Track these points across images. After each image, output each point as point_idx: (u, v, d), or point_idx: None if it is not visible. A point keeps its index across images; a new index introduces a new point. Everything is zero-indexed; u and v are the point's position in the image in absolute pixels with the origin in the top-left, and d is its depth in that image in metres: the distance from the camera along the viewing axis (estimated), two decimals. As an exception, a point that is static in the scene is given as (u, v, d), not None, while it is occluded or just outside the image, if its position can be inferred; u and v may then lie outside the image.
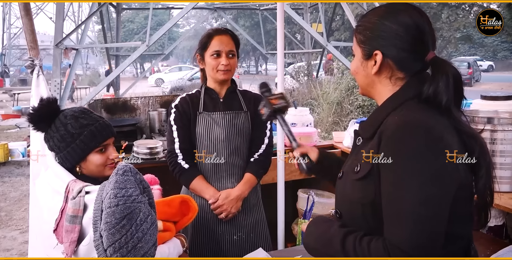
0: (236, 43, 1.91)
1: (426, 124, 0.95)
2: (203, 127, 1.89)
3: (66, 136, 1.40)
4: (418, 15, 1.05)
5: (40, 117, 1.41)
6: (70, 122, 1.41)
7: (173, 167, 1.89)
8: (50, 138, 1.42)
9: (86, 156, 1.42)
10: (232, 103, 1.93)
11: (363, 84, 1.14)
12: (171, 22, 7.93)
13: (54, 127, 1.41)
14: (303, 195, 2.65)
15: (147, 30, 7.75)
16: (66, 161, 1.41)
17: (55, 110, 1.45)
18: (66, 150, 1.40)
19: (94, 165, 1.44)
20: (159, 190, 1.79)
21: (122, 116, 3.04)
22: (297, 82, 12.57)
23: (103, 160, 1.45)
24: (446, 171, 0.92)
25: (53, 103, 1.44)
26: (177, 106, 1.93)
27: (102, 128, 1.45)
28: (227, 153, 1.89)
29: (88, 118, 1.45)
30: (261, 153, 1.97)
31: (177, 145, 1.89)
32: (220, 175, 1.91)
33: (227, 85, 1.96)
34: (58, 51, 7.80)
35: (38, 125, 1.42)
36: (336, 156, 1.48)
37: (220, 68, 1.85)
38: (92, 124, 1.43)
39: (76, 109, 1.47)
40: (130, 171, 1.09)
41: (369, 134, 1.05)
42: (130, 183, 1.07)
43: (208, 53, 1.86)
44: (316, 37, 9.04)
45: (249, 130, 1.94)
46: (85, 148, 1.41)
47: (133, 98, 3.10)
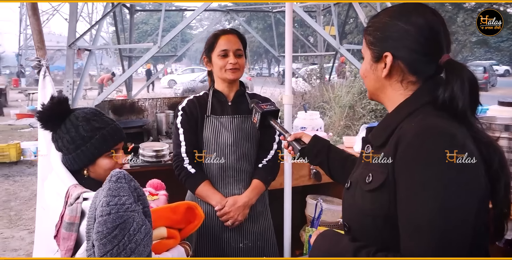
0: (243, 43, 1.86)
1: (448, 131, 0.89)
2: (211, 131, 1.83)
3: (76, 138, 1.36)
4: (432, 15, 0.99)
5: (49, 116, 1.38)
6: (81, 124, 1.38)
7: (179, 171, 1.84)
8: (59, 138, 1.39)
9: (96, 160, 1.40)
10: (240, 107, 1.87)
11: (372, 88, 1.08)
12: (183, 23, 7.93)
13: (65, 128, 1.38)
14: (311, 201, 2.58)
15: (159, 32, 7.76)
16: (74, 163, 1.38)
17: (65, 110, 1.41)
18: (75, 152, 1.37)
19: (103, 169, 1.41)
20: (165, 196, 1.74)
21: (129, 118, 3.01)
22: (309, 85, 12.49)
23: (112, 164, 1.42)
24: (470, 180, 0.86)
25: (63, 103, 1.41)
26: (184, 109, 1.88)
27: (114, 132, 1.43)
28: (234, 158, 1.83)
29: (100, 121, 1.42)
30: (269, 158, 1.91)
31: (183, 148, 1.84)
32: (227, 181, 1.85)
33: (236, 88, 1.90)
34: (71, 51, 7.87)
35: (47, 124, 1.38)
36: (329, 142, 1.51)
37: (228, 67, 1.79)
38: (104, 128, 1.40)
39: (88, 111, 1.43)
40: (124, 178, 1.04)
41: (381, 142, 0.98)
42: (124, 190, 1.01)
43: (215, 53, 1.81)
44: (328, 40, 8.97)
45: (257, 134, 1.88)
46: (95, 151, 1.38)
47: (140, 99, 3.06)
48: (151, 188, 1.74)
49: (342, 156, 1.43)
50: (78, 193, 1.18)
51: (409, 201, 0.87)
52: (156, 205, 1.65)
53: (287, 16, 1.94)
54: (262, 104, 1.61)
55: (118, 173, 1.04)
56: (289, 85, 1.97)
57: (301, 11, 8.48)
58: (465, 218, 0.85)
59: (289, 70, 1.97)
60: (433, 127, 0.89)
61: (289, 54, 1.91)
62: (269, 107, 1.61)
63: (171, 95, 16.56)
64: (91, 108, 1.47)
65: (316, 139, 1.47)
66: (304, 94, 10.77)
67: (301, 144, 1.48)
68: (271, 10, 13.18)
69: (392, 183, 0.91)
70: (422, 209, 0.85)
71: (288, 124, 1.99)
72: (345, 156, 1.43)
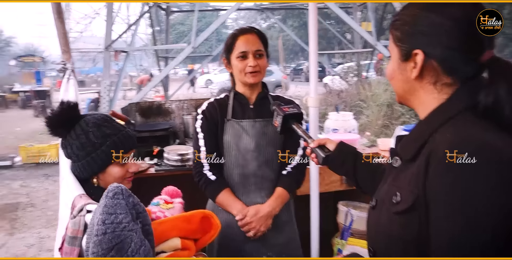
0: (264, 41, 1.75)
1: (493, 145, 0.74)
2: (231, 136, 1.74)
3: (86, 144, 1.31)
4: (471, 6, 0.84)
5: (59, 122, 1.32)
6: (92, 130, 1.32)
7: (199, 178, 1.75)
8: (68, 144, 1.34)
9: (106, 167, 1.33)
10: (263, 110, 1.76)
11: (401, 90, 0.94)
12: (216, 23, 7.90)
13: (74, 134, 1.33)
14: (343, 208, 2.43)
15: (193, 32, 7.77)
16: (84, 170, 1.33)
17: (75, 115, 1.36)
18: (85, 159, 1.32)
19: (113, 177, 1.35)
20: (181, 204, 1.66)
21: (156, 120, 2.97)
22: (346, 83, 12.19)
23: (122, 172, 1.36)
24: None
25: (74, 108, 1.36)
26: (204, 112, 1.80)
27: (125, 139, 1.36)
28: (256, 164, 1.73)
29: (111, 127, 1.36)
30: (294, 165, 1.79)
31: (203, 154, 1.75)
32: (248, 189, 1.75)
33: (257, 90, 1.79)
34: (107, 54, 8.02)
35: (56, 130, 1.33)
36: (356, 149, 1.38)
37: (248, 70, 1.69)
38: (115, 135, 1.34)
39: (99, 117, 1.38)
40: (122, 193, 0.96)
41: (411, 155, 0.85)
42: (121, 207, 0.93)
43: (234, 55, 1.71)
44: (365, 36, 8.70)
45: (281, 139, 1.77)
46: (106, 158, 1.32)
47: (167, 101, 3.01)
48: (166, 196, 1.66)
49: (371, 166, 1.30)
50: (82, 205, 1.12)
51: (445, 226, 0.74)
52: (170, 214, 1.57)
53: (311, 15, 1.81)
54: (284, 107, 1.50)
55: (115, 188, 0.96)
56: (315, 86, 1.84)
57: (337, 8, 8.24)
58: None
59: (314, 71, 1.84)
60: (472, 139, 0.75)
61: (314, 53, 1.78)
62: (291, 110, 1.50)
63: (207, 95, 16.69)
64: (102, 114, 1.42)
65: (342, 145, 1.35)
66: (341, 92, 10.51)
67: (325, 151, 1.36)
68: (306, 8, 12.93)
69: (423, 204, 0.77)
70: (463, 237, 0.72)
71: (314, 130, 1.86)
72: (374, 166, 1.30)
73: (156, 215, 1.54)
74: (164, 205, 1.60)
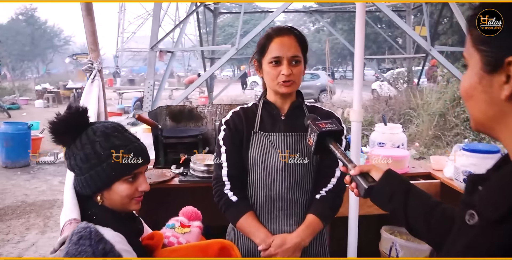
0: (303, 46, 1.48)
1: None
2: (258, 151, 1.50)
3: (91, 156, 1.13)
4: None
5: (64, 128, 1.15)
6: (99, 140, 1.14)
7: (219, 198, 1.53)
8: (72, 155, 1.17)
9: (112, 184, 1.15)
10: (295, 122, 1.50)
11: (481, 115, 0.67)
12: (261, 25, 7.71)
13: (79, 144, 1.15)
14: (387, 235, 2.13)
15: (238, 34, 7.64)
16: (87, 186, 1.15)
17: (83, 122, 1.19)
18: (88, 173, 1.14)
19: (119, 196, 1.16)
20: (199, 229, 1.45)
21: (187, 125, 2.79)
22: (395, 89, 11.63)
23: (130, 191, 1.17)
24: None
25: (82, 114, 1.19)
26: (228, 123, 1.57)
27: (137, 152, 1.17)
28: (285, 186, 1.48)
29: (121, 138, 1.18)
30: (330, 188, 1.52)
31: (224, 170, 1.52)
32: (275, 214, 1.51)
33: (291, 99, 1.54)
34: (152, 53, 8.05)
35: (60, 138, 1.16)
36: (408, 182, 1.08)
37: (281, 80, 1.44)
38: (125, 147, 1.16)
39: (109, 125, 1.20)
40: (89, 238, 0.76)
41: (499, 214, 0.58)
42: (86, 256, 0.72)
43: (266, 59, 1.47)
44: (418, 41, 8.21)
45: (316, 157, 1.51)
46: (112, 174, 1.14)
47: (199, 106, 2.82)
48: (183, 218, 1.46)
49: (427, 204, 1.03)
50: (64, 237, 0.92)
51: None
52: (186, 240, 1.37)
53: (358, 16, 1.55)
54: (321, 122, 1.26)
55: (82, 230, 0.76)
56: (359, 96, 1.57)
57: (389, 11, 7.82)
58: None
59: (359, 78, 1.58)
60: None
61: (360, 59, 1.52)
62: (329, 127, 1.25)
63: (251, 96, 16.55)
64: (113, 123, 1.23)
65: (391, 176, 1.09)
66: (389, 99, 10.00)
67: (368, 180, 1.11)
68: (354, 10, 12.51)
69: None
70: None
71: (356, 149, 1.60)
72: (431, 204, 1.03)
73: (169, 240, 1.35)
74: (180, 228, 1.40)
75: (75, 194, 1.18)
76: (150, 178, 2.29)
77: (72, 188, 1.19)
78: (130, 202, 1.18)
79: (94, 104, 1.88)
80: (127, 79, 27.82)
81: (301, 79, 1.50)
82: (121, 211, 1.20)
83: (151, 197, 2.48)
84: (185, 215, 1.47)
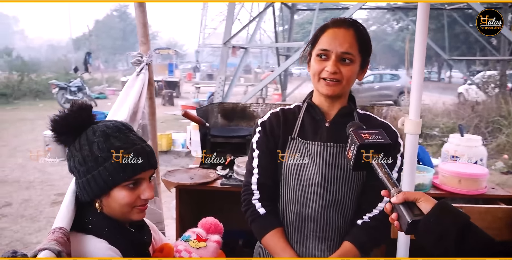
0: (362, 44, 1.23)
1: None
2: (293, 160, 1.30)
3: (88, 158, 1.03)
4: None
5: (64, 127, 1.06)
6: (97, 140, 1.04)
7: (246, 208, 1.35)
8: (71, 156, 1.08)
9: (109, 190, 1.04)
10: (341, 131, 1.23)
11: None
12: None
13: (78, 144, 1.06)
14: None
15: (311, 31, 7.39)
16: (84, 191, 1.06)
17: (85, 121, 1.08)
18: (86, 176, 1.04)
19: (118, 204, 1.05)
20: (217, 243, 1.29)
21: (239, 124, 2.65)
22: (485, 94, 10.59)
23: (131, 198, 1.05)
24: None
25: (85, 111, 1.08)
26: (264, 125, 1.39)
27: (139, 155, 1.05)
28: (320, 204, 1.27)
29: (123, 139, 1.06)
30: (376, 214, 1.27)
31: (254, 178, 1.34)
32: (305, 235, 1.30)
33: (340, 104, 1.31)
34: (225, 49, 8.08)
35: (60, 137, 1.07)
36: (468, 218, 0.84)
37: (323, 76, 1.23)
38: (126, 149, 1.04)
39: (111, 125, 1.08)
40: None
41: None
42: None
43: (315, 51, 1.26)
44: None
45: (362, 176, 1.28)
46: (108, 179, 1.03)
47: (253, 104, 2.67)
48: (201, 230, 1.30)
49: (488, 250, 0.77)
50: (36, 251, 0.81)
51: None
52: (199, 256, 1.21)
53: (419, 16, 1.29)
54: (365, 132, 1.04)
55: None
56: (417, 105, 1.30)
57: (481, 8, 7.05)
58: None
59: (418, 85, 1.30)
60: None
61: (420, 62, 1.25)
62: (373, 138, 1.03)
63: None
64: (118, 122, 1.11)
65: (444, 209, 0.86)
66: (475, 104, 9.11)
67: (414, 213, 0.88)
68: (444, 8, 11.55)
69: None
70: None
71: (410, 170, 1.31)
72: (495, 249, 0.77)
73: (180, 255, 1.21)
74: (195, 242, 1.25)
75: (76, 199, 1.07)
76: (193, 178, 2.18)
77: (73, 193, 1.09)
78: (132, 210, 1.06)
79: (133, 99, 1.79)
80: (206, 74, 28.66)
81: (353, 81, 1.27)
82: (122, 220, 1.09)
83: (192, 198, 2.39)
84: (203, 227, 1.31)
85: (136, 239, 1.10)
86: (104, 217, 1.06)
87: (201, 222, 1.34)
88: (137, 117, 1.83)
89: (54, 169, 6.02)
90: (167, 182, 2.15)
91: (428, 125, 7.89)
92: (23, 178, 5.53)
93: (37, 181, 5.43)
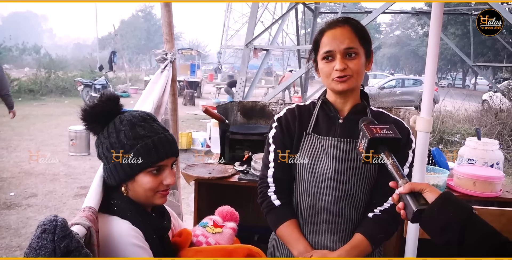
0: (361, 36, 1.30)
1: None
2: (308, 155, 1.36)
3: (116, 145, 1.12)
4: None
5: (93, 116, 1.15)
6: (124, 129, 1.12)
7: (261, 200, 1.42)
8: (100, 143, 1.16)
9: (135, 175, 1.12)
10: (355, 127, 1.28)
11: None
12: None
13: (106, 132, 1.15)
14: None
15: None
16: (111, 176, 1.14)
17: (114, 110, 1.17)
18: (113, 162, 1.12)
19: (142, 189, 1.13)
20: (232, 230, 1.36)
21: (258, 122, 2.72)
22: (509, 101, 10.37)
23: (154, 184, 1.13)
24: None
25: (113, 101, 1.17)
26: (280, 120, 1.45)
27: (161, 144, 1.13)
28: (333, 197, 1.32)
29: (147, 128, 1.14)
30: (386, 208, 1.32)
31: (270, 171, 1.41)
32: (318, 226, 1.36)
33: (353, 101, 1.37)
34: (247, 51, 8.16)
35: (90, 125, 1.16)
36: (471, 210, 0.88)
37: (334, 76, 1.28)
38: (150, 137, 1.12)
39: (137, 115, 1.17)
40: (53, 232, 0.70)
41: None
42: (45, 252, 0.66)
43: (320, 55, 1.32)
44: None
45: (373, 170, 1.33)
46: (133, 165, 1.11)
47: (272, 103, 2.74)
48: (217, 217, 1.37)
49: (491, 241, 0.81)
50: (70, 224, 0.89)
51: None
52: (215, 241, 1.28)
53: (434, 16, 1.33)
54: (376, 127, 1.09)
55: (48, 223, 0.70)
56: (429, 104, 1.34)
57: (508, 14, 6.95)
58: None
59: (430, 86, 1.34)
60: None
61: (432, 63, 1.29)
62: (384, 133, 1.08)
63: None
64: (143, 112, 1.19)
65: (448, 199, 0.90)
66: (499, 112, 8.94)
67: (419, 202, 0.93)
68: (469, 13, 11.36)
69: None
70: None
71: (420, 165, 1.36)
72: (498, 240, 0.81)
73: (197, 239, 1.28)
74: (211, 228, 1.33)
75: (103, 183, 1.16)
76: (212, 172, 2.26)
77: (101, 177, 1.18)
78: (155, 195, 1.14)
79: (157, 94, 1.88)
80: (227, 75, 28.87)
81: (362, 73, 1.32)
82: (146, 204, 1.17)
83: (209, 192, 2.47)
84: (220, 214, 1.39)
85: (157, 223, 1.17)
86: (129, 201, 1.13)
87: (218, 210, 1.41)
88: (160, 111, 1.92)
89: (77, 163, 6.22)
90: (187, 175, 2.24)
91: (450, 131, 7.80)
92: (48, 171, 5.72)
93: (61, 174, 5.62)
